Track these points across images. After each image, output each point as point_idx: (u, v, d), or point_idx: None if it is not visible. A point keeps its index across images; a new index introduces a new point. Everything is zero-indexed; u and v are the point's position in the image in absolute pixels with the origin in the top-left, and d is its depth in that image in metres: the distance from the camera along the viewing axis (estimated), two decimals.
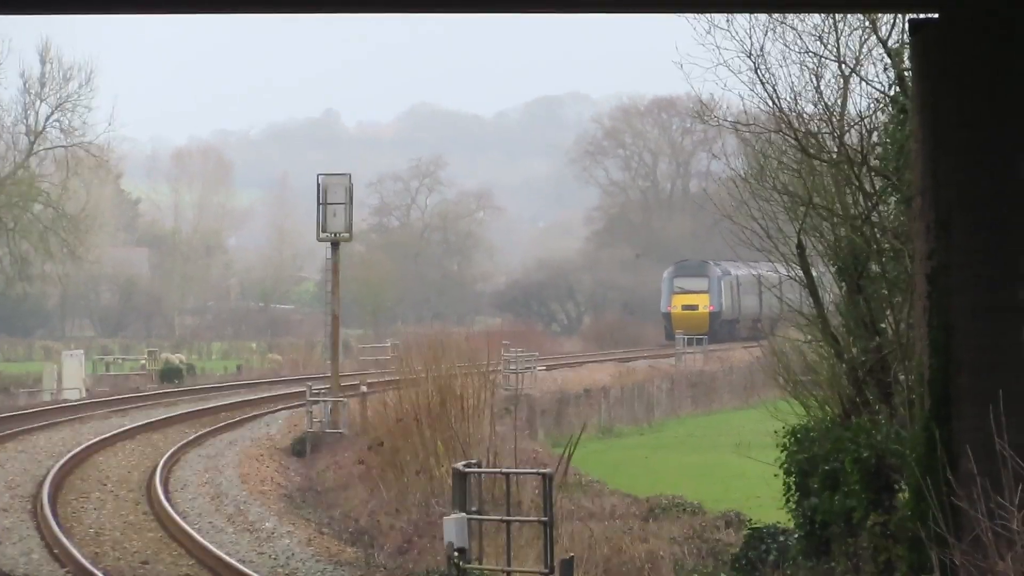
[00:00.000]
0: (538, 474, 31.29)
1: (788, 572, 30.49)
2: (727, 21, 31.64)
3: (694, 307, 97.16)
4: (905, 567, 25.69)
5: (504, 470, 33.09)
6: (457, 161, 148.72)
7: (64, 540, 33.32)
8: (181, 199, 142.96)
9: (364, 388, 54.25)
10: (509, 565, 28.53)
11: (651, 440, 69.99)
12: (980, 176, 24.81)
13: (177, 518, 36.36)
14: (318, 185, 56.08)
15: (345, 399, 53.25)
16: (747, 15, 31.70)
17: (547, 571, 27.68)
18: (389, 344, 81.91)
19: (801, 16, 31.61)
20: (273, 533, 35.98)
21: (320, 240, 57.88)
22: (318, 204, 55.52)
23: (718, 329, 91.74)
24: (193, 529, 35.04)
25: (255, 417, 60.54)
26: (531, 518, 30.02)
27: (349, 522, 38.02)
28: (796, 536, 30.99)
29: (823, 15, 31.42)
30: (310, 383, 57.03)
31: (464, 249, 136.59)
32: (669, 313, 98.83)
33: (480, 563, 29.30)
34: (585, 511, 38.95)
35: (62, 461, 45.58)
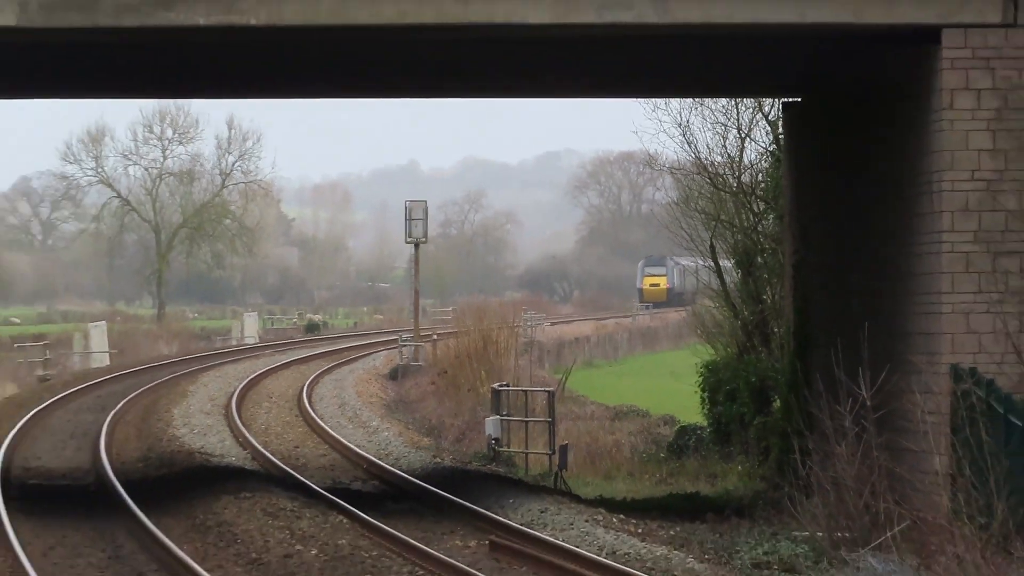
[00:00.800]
0: (545, 391, 32.21)
1: (703, 454, 31.06)
2: (665, 103, 33.22)
3: (657, 285, 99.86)
4: (777, 451, 25.16)
5: (523, 388, 34.06)
6: (492, 192, 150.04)
7: (245, 433, 34.26)
8: (318, 216, 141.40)
9: (435, 337, 57.56)
10: (527, 448, 29.96)
11: (617, 370, 70.25)
12: (824, 204, 24.17)
13: (316, 419, 37.59)
14: (406, 208, 60.32)
15: (422, 344, 56.28)
16: (679, 99, 33.07)
17: (551, 452, 28.47)
18: (450, 309, 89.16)
19: (714, 99, 32.80)
20: (377, 429, 36.77)
21: (407, 243, 61.72)
22: (406, 220, 59.15)
23: (672, 299, 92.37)
24: (327, 426, 36.29)
25: (365, 355, 61.71)
26: (541, 419, 30.45)
27: (425, 422, 39.35)
28: (708, 431, 31.93)
29: (728, 99, 32.53)
30: (400, 333, 59.77)
31: (497, 248, 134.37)
32: (641, 289, 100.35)
33: (508, 448, 30.63)
34: (574, 415, 40.00)
35: (244, 383, 46.60)
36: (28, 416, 35.88)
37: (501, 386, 32.35)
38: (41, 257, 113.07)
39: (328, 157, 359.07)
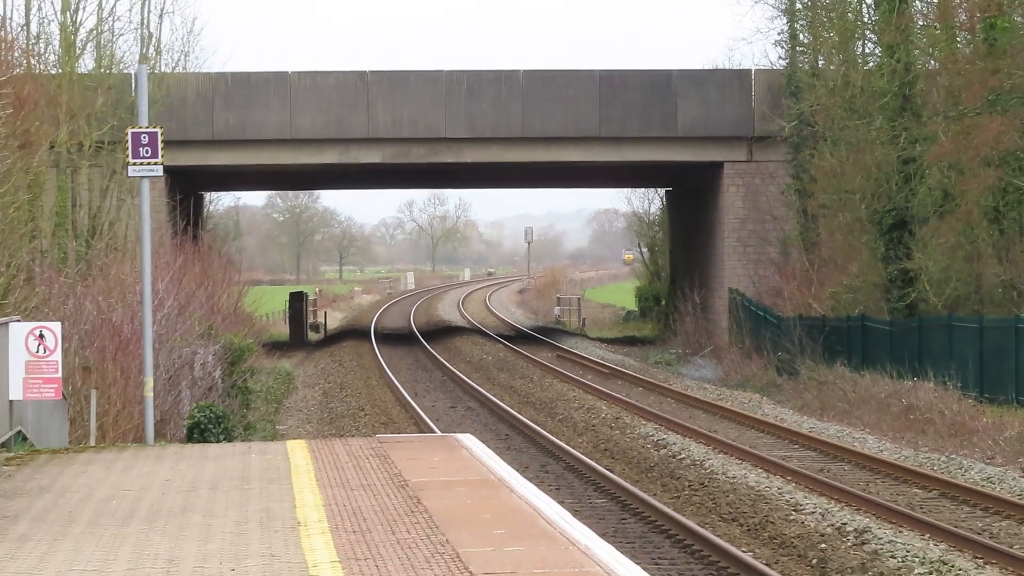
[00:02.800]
0: (576, 297, 68.43)
1: (636, 321, 61.32)
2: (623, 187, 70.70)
3: (630, 258, 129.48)
4: (664, 318, 51.46)
5: (568, 296, 73.78)
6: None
7: (464, 312, 74.33)
8: None
9: (534, 278, 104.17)
10: (570, 319, 57.95)
11: (607, 289, 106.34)
12: (683, 229, 52.85)
13: (491, 307, 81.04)
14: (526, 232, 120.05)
15: (531, 279, 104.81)
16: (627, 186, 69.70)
17: (580, 320, 62.39)
18: (541, 268, 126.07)
19: (635, 188, 67.18)
20: (513, 312, 78.08)
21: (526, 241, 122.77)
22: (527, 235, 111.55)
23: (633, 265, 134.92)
24: (495, 310, 77.18)
25: (510, 284, 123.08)
26: (575, 308, 65.91)
27: (533, 309, 78.82)
28: (638, 312, 62.57)
29: (642, 188, 65.54)
30: (523, 278, 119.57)
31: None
32: (624, 259, 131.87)
33: (563, 319, 64.52)
34: (588, 306, 66.89)
35: (465, 294, 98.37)
36: (383, 307, 79.73)
37: (560, 296, 68.00)
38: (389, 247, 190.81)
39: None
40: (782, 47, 43.42)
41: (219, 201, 59.11)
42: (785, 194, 42.16)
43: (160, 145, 17.53)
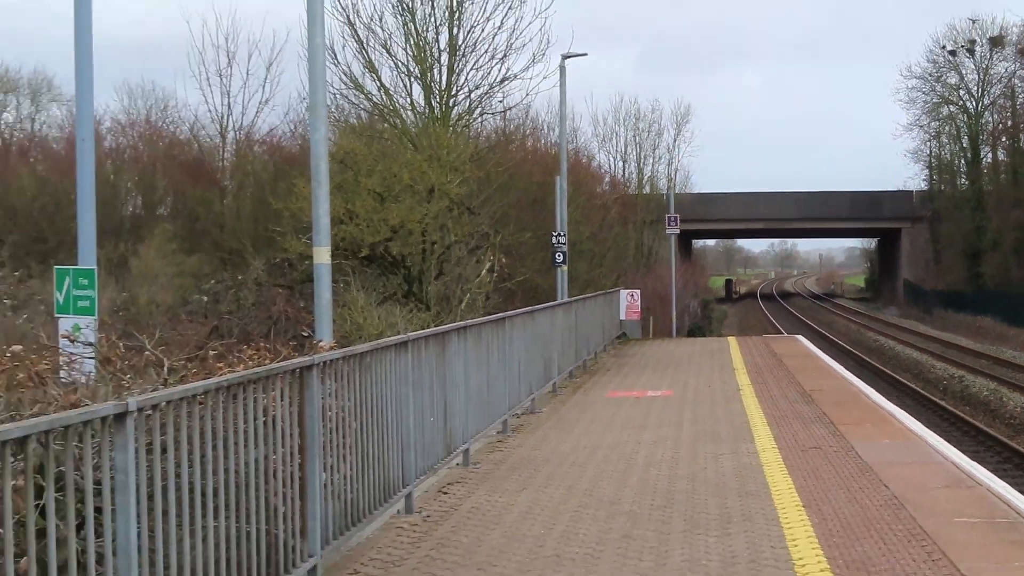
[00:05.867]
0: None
1: None
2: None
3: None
4: None
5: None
6: None
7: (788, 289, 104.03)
8: None
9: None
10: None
11: None
12: (884, 264, 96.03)
13: (800, 288, 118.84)
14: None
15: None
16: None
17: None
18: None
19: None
20: (810, 289, 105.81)
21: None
22: None
23: None
24: (802, 290, 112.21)
25: (808, 277, 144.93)
26: None
27: (822, 289, 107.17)
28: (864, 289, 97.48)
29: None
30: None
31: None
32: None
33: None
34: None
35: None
36: (760, 287, 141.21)
37: (833, 283, 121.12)
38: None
39: None
40: (923, 163, 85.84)
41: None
42: (925, 241, 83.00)
43: (677, 222, 60.48)
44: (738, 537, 9.09)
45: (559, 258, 33.72)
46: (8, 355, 7.61)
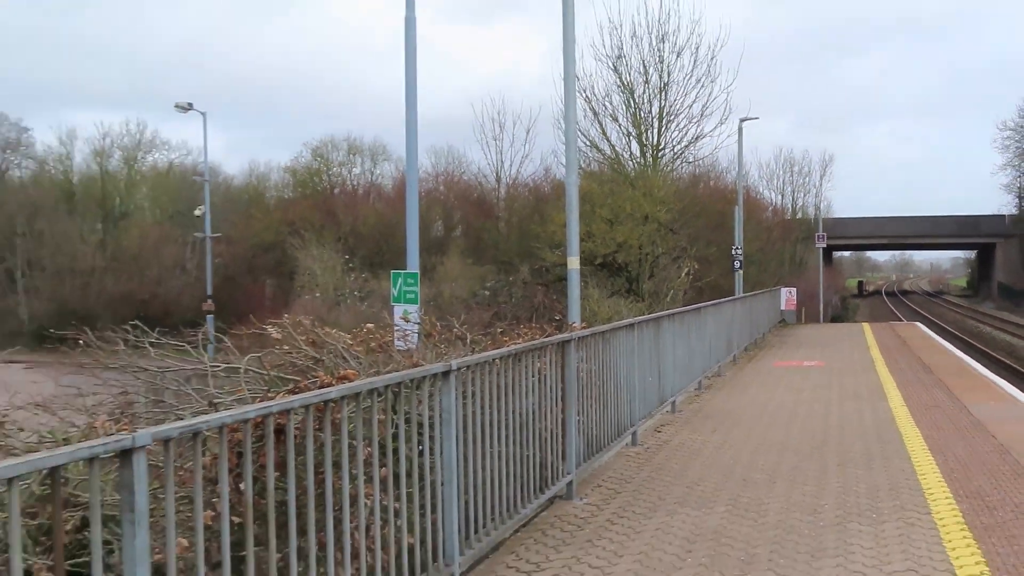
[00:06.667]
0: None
1: None
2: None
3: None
4: None
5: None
6: None
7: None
8: None
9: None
10: None
11: None
12: (981, 270, 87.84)
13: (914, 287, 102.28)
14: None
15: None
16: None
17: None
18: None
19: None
20: (924, 288, 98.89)
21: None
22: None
23: None
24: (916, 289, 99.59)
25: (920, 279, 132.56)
26: None
27: (934, 290, 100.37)
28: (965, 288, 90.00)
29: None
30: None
31: None
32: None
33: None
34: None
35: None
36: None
37: (942, 283, 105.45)
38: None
39: None
40: (1015, 194, 79.64)
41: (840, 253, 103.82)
42: (1016, 252, 77.13)
43: (824, 239, 57.66)
44: (880, 471, 8.64)
45: (736, 265, 32.88)
46: (365, 330, 7.92)
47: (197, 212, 43.15)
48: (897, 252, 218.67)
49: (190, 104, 39.49)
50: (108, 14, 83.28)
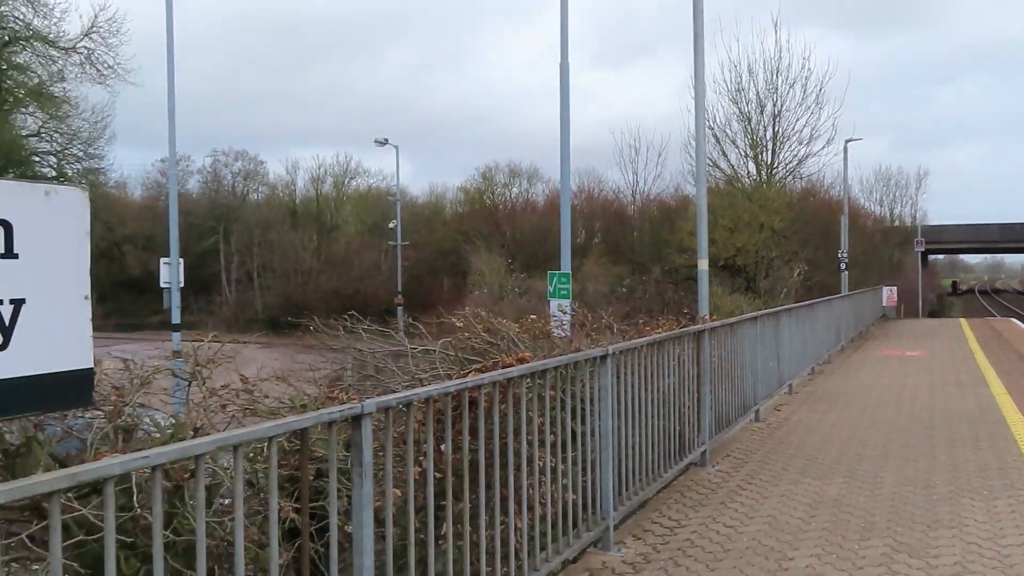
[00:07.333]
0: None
1: None
2: None
3: None
4: None
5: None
6: None
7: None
8: None
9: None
10: None
11: None
12: None
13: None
14: None
15: None
16: None
17: None
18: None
19: None
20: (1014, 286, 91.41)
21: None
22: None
23: None
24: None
25: None
26: None
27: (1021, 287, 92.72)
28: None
29: None
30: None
31: None
32: None
33: None
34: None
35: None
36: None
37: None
38: None
39: None
40: None
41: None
42: None
43: (923, 244, 54.03)
44: (987, 451, 7.96)
45: (843, 266, 31.33)
46: (529, 320, 7.91)
47: (390, 225, 45.03)
48: (989, 255, 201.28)
49: (386, 140, 41.39)
50: (324, 73, 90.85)
